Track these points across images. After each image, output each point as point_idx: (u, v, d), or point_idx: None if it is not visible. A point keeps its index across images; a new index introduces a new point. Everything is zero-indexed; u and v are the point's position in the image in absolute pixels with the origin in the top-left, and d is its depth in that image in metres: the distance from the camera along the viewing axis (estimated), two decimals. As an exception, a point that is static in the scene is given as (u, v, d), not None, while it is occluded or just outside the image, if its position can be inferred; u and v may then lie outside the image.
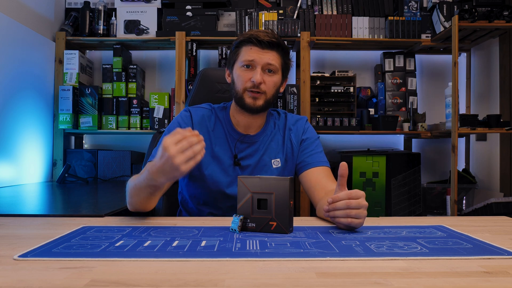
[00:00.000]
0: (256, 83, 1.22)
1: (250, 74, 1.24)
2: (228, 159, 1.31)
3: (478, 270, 0.66)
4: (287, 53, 1.30)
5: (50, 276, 0.62)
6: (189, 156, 0.91)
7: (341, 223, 0.95)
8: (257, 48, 1.24)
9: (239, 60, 1.27)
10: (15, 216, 1.17)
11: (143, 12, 2.75)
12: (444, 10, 2.59)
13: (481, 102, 2.89)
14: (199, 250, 0.77)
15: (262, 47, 1.23)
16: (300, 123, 1.39)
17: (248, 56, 1.24)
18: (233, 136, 1.32)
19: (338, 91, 2.80)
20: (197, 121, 1.32)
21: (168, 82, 3.00)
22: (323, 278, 0.62)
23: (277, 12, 2.73)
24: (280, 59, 1.27)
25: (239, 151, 1.31)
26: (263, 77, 1.23)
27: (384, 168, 2.67)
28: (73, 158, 2.68)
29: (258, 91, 1.23)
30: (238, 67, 1.27)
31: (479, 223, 1.10)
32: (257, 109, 1.26)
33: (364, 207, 0.94)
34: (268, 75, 1.25)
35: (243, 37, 1.27)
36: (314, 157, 1.33)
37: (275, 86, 1.27)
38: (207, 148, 1.30)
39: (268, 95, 1.26)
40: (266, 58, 1.23)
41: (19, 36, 2.30)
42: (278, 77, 1.28)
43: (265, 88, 1.24)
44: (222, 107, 1.37)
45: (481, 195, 2.71)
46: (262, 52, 1.23)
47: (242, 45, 1.27)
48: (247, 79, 1.24)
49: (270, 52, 1.24)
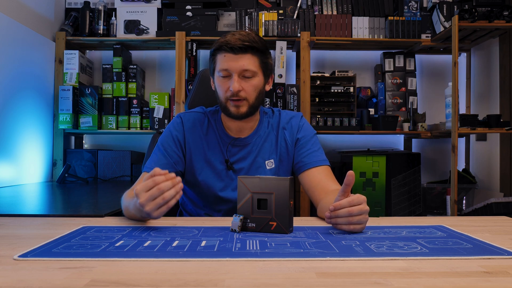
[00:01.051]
0: (234, 91, 1.19)
1: (228, 83, 1.21)
2: (220, 164, 1.29)
3: (478, 270, 0.66)
4: (264, 52, 1.24)
5: (50, 276, 0.62)
6: (159, 203, 0.90)
7: (343, 230, 0.94)
8: (230, 55, 1.20)
9: (216, 69, 1.24)
10: (15, 216, 1.17)
11: (143, 12, 2.75)
12: (444, 10, 2.59)
13: (481, 102, 2.89)
14: (199, 250, 0.77)
15: (235, 53, 1.19)
16: (295, 121, 1.35)
17: (222, 65, 1.21)
18: (224, 140, 1.30)
19: (338, 91, 2.80)
20: (188, 127, 1.30)
21: (168, 82, 3.00)
22: (323, 278, 0.62)
23: (277, 12, 2.73)
24: (258, 60, 1.22)
25: (231, 155, 1.30)
26: (241, 84, 1.20)
27: (384, 168, 2.67)
28: (73, 158, 2.68)
29: (238, 98, 1.21)
30: (217, 76, 1.24)
31: (479, 223, 1.10)
32: (241, 116, 1.24)
33: (365, 212, 0.93)
34: (246, 80, 1.21)
35: (215, 44, 1.23)
36: (312, 156, 1.30)
37: (256, 90, 1.24)
38: (200, 154, 1.30)
39: (250, 100, 1.23)
40: (240, 64, 1.19)
41: (19, 36, 2.30)
42: (258, 79, 1.24)
43: (245, 94, 1.21)
44: (214, 111, 1.35)
45: (481, 195, 2.71)
46: (235, 58, 1.19)
47: (217, 53, 1.23)
48: (226, 88, 1.21)
49: (245, 56, 1.20)
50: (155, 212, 0.91)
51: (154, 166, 1.21)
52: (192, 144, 1.29)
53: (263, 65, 1.25)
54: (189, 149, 1.30)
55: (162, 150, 1.27)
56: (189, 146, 1.30)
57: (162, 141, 1.30)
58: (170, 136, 1.29)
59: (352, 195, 0.95)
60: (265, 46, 1.25)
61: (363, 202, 0.94)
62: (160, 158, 1.26)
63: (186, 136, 1.30)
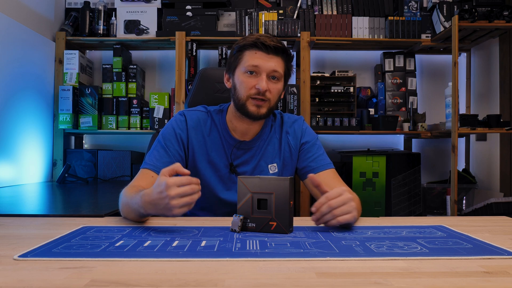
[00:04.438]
0: (262, 90, 1.17)
1: (255, 80, 1.19)
2: (224, 167, 1.28)
3: (478, 270, 0.66)
4: (290, 59, 1.25)
5: (50, 276, 0.62)
6: (186, 202, 0.90)
7: (333, 225, 0.94)
8: (262, 53, 1.18)
9: (241, 65, 1.21)
10: (15, 216, 1.17)
11: (143, 12, 2.75)
12: (444, 10, 2.59)
13: (481, 102, 2.89)
14: (199, 250, 0.77)
15: (268, 52, 1.18)
16: (298, 125, 1.35)
17: (253, 62, 1.18)
18: (229, 142, 1.28)
19: (338, 91, 2.80)
20: (192, 125, 1.28)
21: (168, 82, 3.00)
22: (323, 278, 0.62)
23: (277, 12, 2.73)
24: (284, 66, 1.22)
25: (235, 157, 1.28)
26: (268, 85, 1.18)
27: (384, 168, 2.67)
28: (73, 158, 2.68)
29: (263, 98, 1.19)
30: (241, 73, 1.21)
31: (479, 223, 1.10)
32: (260, 117, 1.22)
33: (347, 201, 0.93)
34: (273, 82, 1.20)
35: (246, 41, 1.20)
36: (318, 160, 1.30)
37: (278, 94, 1.23)
38: (203, 154, 1.28)
39: (272, 102, 1.22)
40: (271, 64, 1.18)
41: (19, 36, 2.30)
42: (282, 84, 1.23)
43: (270, 95, 1.20)
44: (218, 110, 1.32)
45: (481, 195, 2.70)
46: (267, 58, 1.18)
47: (246, 49, 1.21)
48: (251, 85, 1.19)
49: (276, 58, 1.19)
50: (177, 210, 0.90)
51: (156, 163, 1.20)
52: (196, 144, 1.27)
53: (287, 72, 1.25)
54: (192, 148, 1.27)
55: (164, 147, 1.24)
56: (192, 146, 1.27)
57: (164, 138, 1.26)
58: (173, 134, 1.26)
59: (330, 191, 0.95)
60: (291, 54, 1.26)
61: (343, 193, 0.94)
62: (163, 156, 1.22)
63: (190, 135, 1.27)
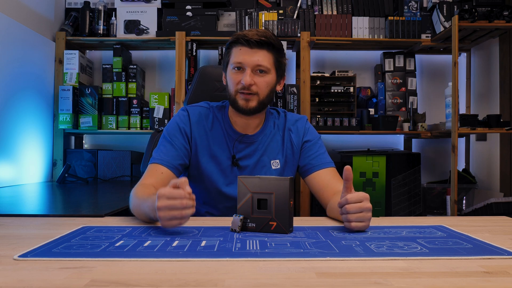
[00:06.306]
0: (245, 84, 1.20)
1: (240, 76, 1.22)
2: (226, 159, 1.30)
3: (478, 270, 0.66)
4: (279, 50, 1.26)
5: (50, 276, 0.62)
6: (175, 216, 0.87)
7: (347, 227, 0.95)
8: (246, 48, 1.21)
9: (230, 62, 1.25)
10: (15, 216, 1.17)
11: (143, 12, 2.75)
12: (444, 10, 2.59)
13: (481, 102, 2.89)
14: (199, 250, 0.77)
15: (251, 47, 1.20)
16: (301, 123, 1.36)
17: (237, 58, 1.22)
18: (231, 136, 1.30)
19: (338, 91, 2.80)
20: (195, 120, 1.30)
21: (168, 82, 3.00)
22: (323, 278, 0.62)
23: (277, 12, 2.73)
24: (272, 58, 1.23)
25: (237, 151, 1.30)
26: (253, 78, 1.20)
27: (384, 168, 2.67)
28: (73, 158, 2.68)
29: (249, 92, 1.21)
30: (230, 69, 1.25)
31: (479, 223, 1.10)
32: (250, 111, 1.23)
33: (366, 210, 0.93)
34: (259, 75, 1.22)
35: (232, 38, 1.25)
36: (319, 159, 1.31)
37: (268, 86, 1.24)
38: (205, 148, 1.30)
39: (261, 95, 1.23)
40: (255, 58, 1.20)
41: (19, 36, 2.30)
42: (271, 76, 1.24)
43: (256, 89, 1.21)
44: (221, 106, 1.35)
45: (481, 195, 2.70)
46: (251, 52, 1.20)
47: (232, 46, 1.24)
48: (237, 81, 1.22)
49: (260, 52, 1.21)
50: (166, 222, 0.88)
51: (163, 157, 1.22)
52: (198, 138, 1.29)
53: (277, 64, 1.26)
54: (195, 143, 1.29)
55: (170, 141, 1.26)
56: (195, 140, 1.29)
57: (169, 133, 1.28)
58: (177, 128, 1.28)
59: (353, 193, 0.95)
60: (281, 45, 1.26)
61: (364, 200, 0.94)
62: (170, 150, 1.25)
63: (193, 129, 1.29)
